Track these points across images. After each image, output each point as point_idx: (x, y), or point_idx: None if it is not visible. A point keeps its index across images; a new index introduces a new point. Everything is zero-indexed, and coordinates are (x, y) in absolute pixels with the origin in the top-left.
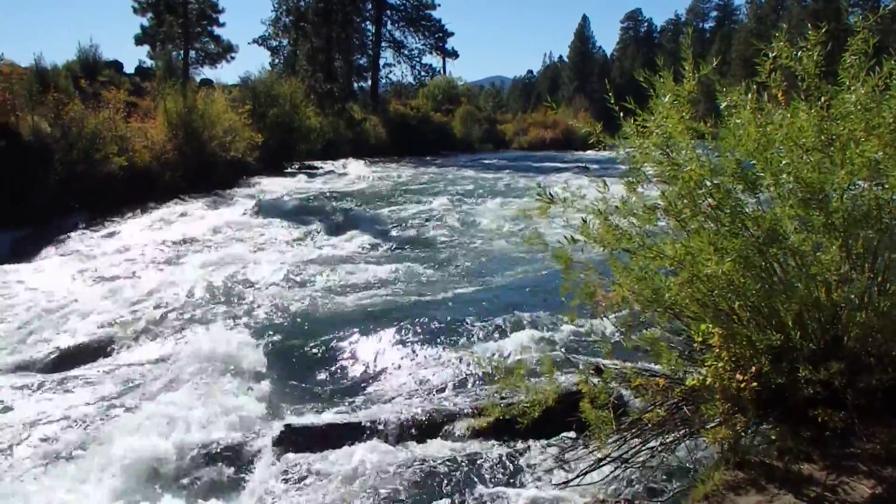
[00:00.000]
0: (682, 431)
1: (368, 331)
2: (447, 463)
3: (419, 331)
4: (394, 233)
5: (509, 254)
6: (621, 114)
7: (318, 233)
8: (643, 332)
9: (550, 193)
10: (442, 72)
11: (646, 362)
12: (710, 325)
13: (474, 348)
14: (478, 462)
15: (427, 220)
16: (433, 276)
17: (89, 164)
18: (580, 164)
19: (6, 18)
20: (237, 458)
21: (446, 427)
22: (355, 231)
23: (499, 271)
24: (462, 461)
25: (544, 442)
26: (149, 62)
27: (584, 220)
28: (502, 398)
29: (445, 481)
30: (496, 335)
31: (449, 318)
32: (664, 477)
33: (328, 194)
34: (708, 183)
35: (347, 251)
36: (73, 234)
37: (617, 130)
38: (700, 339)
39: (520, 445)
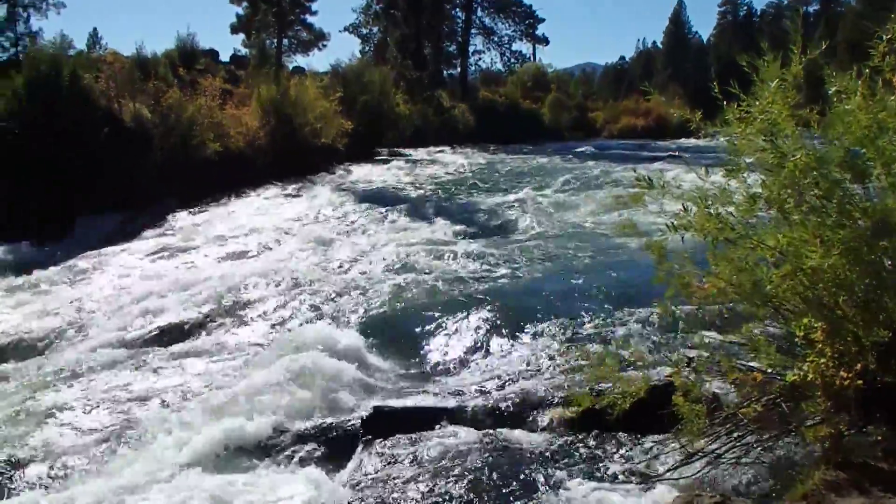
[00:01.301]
0: (780, 428)
1: (456, 317)
2: (533, 451)
3: (507, 318)
4: (481, 220)
5: (598, 243)
6: (723, 101)
7: (406, 219)
8: (740, 324)
9: (649, 178)
10: (532, 58)
11: (742, 356)
12: (813, 320)
13: (563, 337)
14: (565, 452)
15: (514, 208)
16: (521, 264)
17: (186, 150)
18: (673, 153)
19: (111, 9)
20: (327, 438)
21: (534, 415)
22: (443, 218)
23: (588, 261)
24: (548, 450)
25: (634, 434)
26: (243, 50)
27: (685, 209)
28: (592, 388)
29: (531, 470)
30: (585, 325)
31: (537, 307)
32: (759, 475)
33: (416, 181)
34: (814, 172)
35: (435, 237)
36: (170, 217)
37: (714, 118)
38: (801, 333)
39: (609, 437)
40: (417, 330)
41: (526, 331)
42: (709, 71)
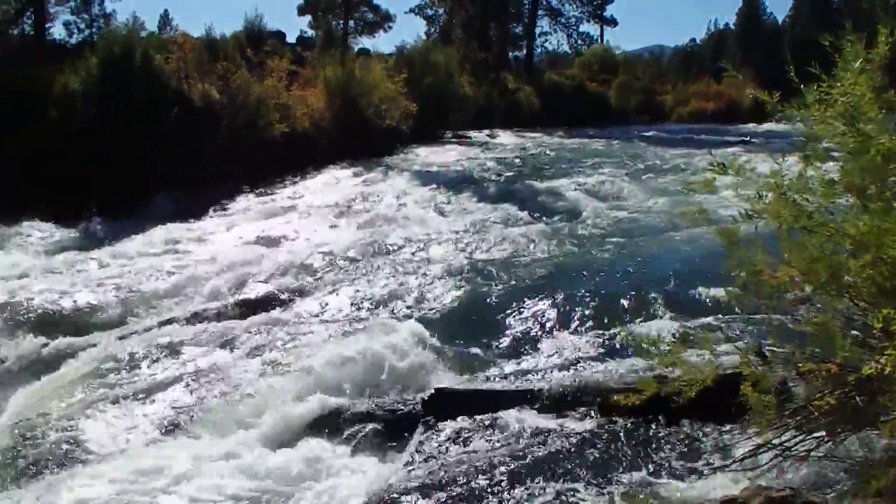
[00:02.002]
0: (853, 423)
1: (519, 300)
2: (596, 437)
3: (571, 302)
4: (544, 203)
5: (665, 229)
6: (800, 84)
7: (470, 201)
8: (813, 315)
9: (722, 163)
10: (599, 40)
11: (813, 347)
12: (893, 311)
13: (628, 323)
14: (628, 439)
15: (578, 192)
16: (586, 248)
17: (253, 130)
18: (744, 138)
19: None
20: (388, 418)
21: (597, 400)
22: (506, 200)
23: (655, 247)
24: (612, 437)
25: (700, 423)
26: (309, 32)
27: (759, 195)
28: (657, 375)
29: (593, 456)
30: (651, 311)
31: (601, 292)
32: (830, 469)
33: (480, 163)
34: None
35: (498, 220)
36: (236, 196)
37: (789, 101)
38: (879, 325)
39: (673, 425)
40: (480, 312)
41: (591, 315)
42: (783, 53)
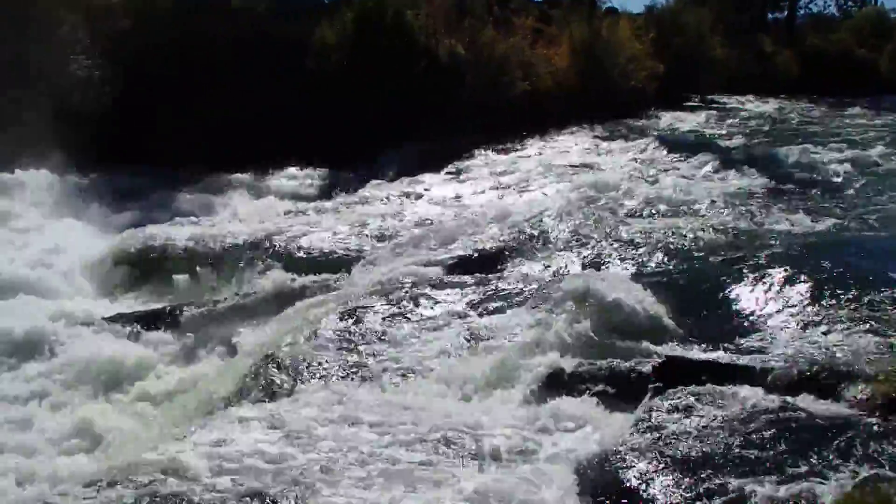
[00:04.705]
0: None
1: (758, 273)
2: (836, 428)
3: (818, 280)
4: (794, 176)
5: None
6: None
7: (714, 169)
8: None
9: None
10: (874, 2)
11: None
12: None
13: (886, 307)
14: (872, 434)
15: (834, 166)
16: (840, 225)
17: (496, 88)
18: None
19: None
20: (615, 381)
21: (841, 389)
22: (753, 170)
23: None
24: (854, 429)
25: None
26: None
27: None
28: None
29: (830, 448)
30: None
31: (856, 271)
32: None
33: (728, 131)
34: None
35: (742, 189)
36: (476, 152)
37: None
38: None
39: None
40: (714, 283)
41: (840, 296)
42: None
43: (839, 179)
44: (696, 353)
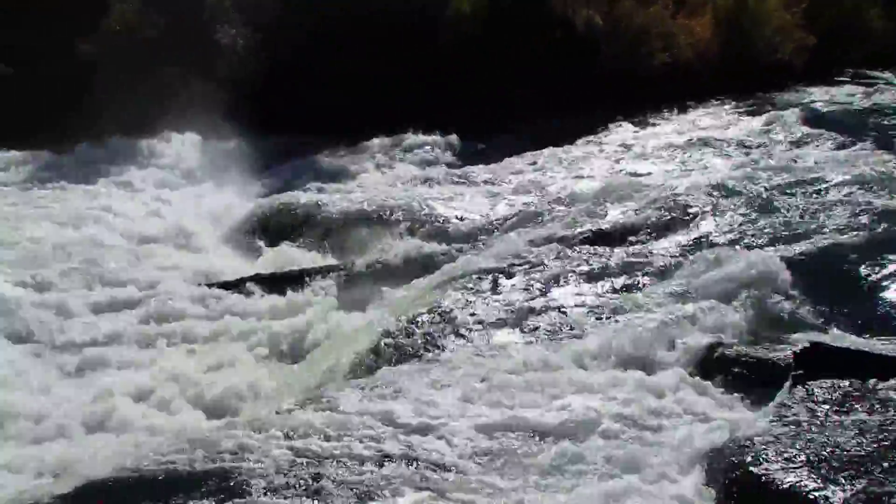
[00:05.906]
0: None
1: None
2: None
3: None
4: None
5: None
6: None
7: (862, 149)
8: None
9: None
10: None
11: None
12: None
13: None
14: None
15: None
16: None
17: (633, 59)
18: None
19: None
20: (753, 366)
21: None
22: None
23: None
24: None
25: None
26: None
27: None
28: None
29: None
30: None
31: None
32: None
33: (882, 109)
34: None
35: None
36: (610, 125)
37: None
38: None
39: None
40: (858, 270)
41: None
42: None
43: None
44: (842, 341)
